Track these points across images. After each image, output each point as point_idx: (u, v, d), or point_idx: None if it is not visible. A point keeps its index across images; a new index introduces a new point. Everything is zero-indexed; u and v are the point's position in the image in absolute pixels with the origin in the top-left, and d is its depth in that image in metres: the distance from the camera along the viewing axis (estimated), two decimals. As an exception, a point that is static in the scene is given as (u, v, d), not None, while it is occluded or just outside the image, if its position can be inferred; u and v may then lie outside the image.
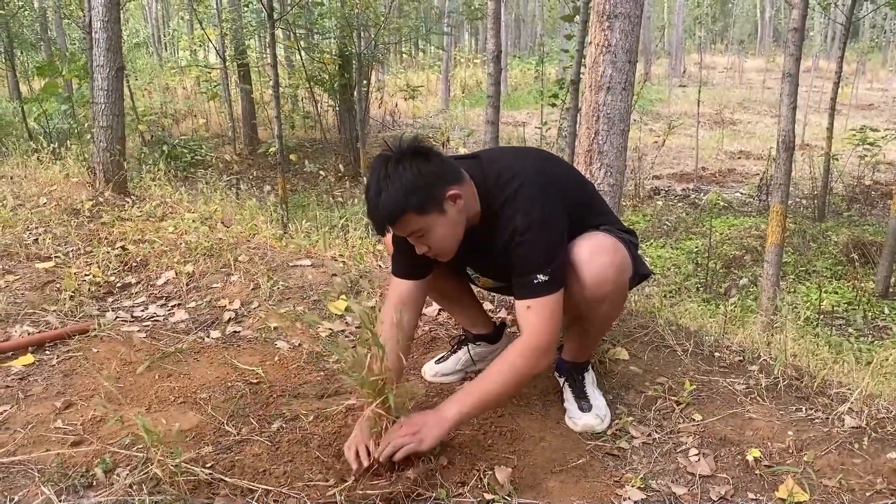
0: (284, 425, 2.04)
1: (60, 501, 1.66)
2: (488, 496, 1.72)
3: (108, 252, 3.38)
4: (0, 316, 2.74)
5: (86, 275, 3.16)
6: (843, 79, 11.02)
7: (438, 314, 2.78)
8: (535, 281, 1.78)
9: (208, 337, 2.67)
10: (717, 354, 2.46)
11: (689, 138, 13.21)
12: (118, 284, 3.17)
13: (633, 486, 1.78)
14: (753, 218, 8.66)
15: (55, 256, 3.37)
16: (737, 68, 26.76)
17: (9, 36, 10.86)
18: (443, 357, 2.37)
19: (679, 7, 27.53)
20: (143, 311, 2.92)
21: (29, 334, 2.58)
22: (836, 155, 9.27)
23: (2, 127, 11.68)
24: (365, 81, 11.23)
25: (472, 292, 2.37)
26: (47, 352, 2.47)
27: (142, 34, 24.76)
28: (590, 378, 2.15)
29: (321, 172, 7.14)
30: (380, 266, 3.23)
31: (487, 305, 2.77)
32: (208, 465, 1.81)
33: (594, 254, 1.85)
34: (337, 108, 12.45)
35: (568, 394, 2.12)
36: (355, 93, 10.72)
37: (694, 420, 2.08)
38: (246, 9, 12.05)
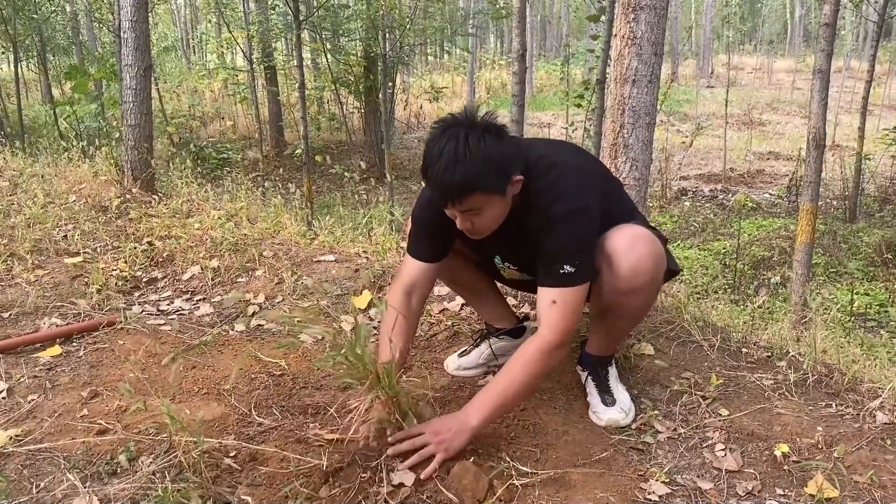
0: (307, 417, 2.04)
1: (85, 488, 1.68)
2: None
3: (135, 247, 3.42)
4: (29, 308, 2.78)
5: (113, 269, 3.20)
6: (876, 79, 10.81)
7: (461, 309, 2.76)
8: (562, 271, 1.76)
9: (233, 330, 2.68)
10: (744, 350, 2.41)
11: (717, 139, 13.06)
12: (145, 279, 3.20)
13: (657, 481, 1.75)
14: (783, 219, 8.52)
15: (83, 252, 3.41)
16: (766, 69, 26.43)
17: (41, 40, 11.07)
18: (465, 351, 2.36)
19: (707, 7, 27.25)
20: (168, 304, 2.94)
21: (57, 326, 2.62)
22: (869, 155, 9.09)
23: (35, 129, 11.92)
24: (390, 83, 11.26)
25: (495, 286, 2.36)
26: (74, 343, 2.49)
27: (171, 38, 25.08)
28: (613, 373, 2.12)
29: (346, 174, 7.16)
30: (402, 261, 3.23)
31: (511, 300, 2.75)
32: (231, 455, 1.82)
33: (633, 244, 1.81)
34: (362, 110, 12.51)
35: (591, 388, 2.09)
36: (380, 95, 10.75)
37: (720, 415, 2.04)
38: (272, 12, 12.15)
